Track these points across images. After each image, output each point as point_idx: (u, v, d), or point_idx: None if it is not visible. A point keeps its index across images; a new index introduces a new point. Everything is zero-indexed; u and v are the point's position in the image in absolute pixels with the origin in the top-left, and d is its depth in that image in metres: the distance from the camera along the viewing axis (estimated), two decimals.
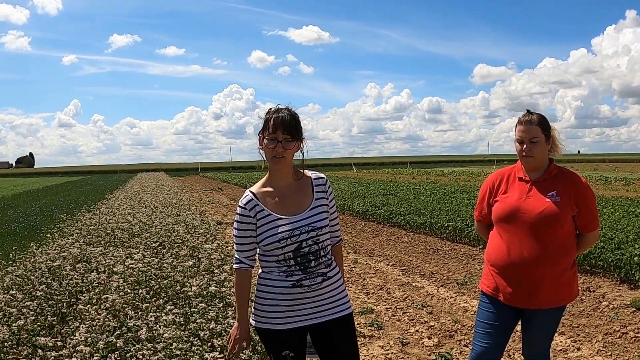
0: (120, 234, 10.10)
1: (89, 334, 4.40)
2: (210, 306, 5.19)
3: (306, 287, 3.13)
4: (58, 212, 18.93)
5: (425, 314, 7.17)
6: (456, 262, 10.36)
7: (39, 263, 7.44)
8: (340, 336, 3.28)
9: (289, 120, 3.12)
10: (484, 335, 3.79)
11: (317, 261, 3.15)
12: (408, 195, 21.80)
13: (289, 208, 3.18)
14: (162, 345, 4.07)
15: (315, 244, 3.14)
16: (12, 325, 4.84)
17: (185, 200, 20.84)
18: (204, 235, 10.07)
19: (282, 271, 3.14)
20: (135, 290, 5.77)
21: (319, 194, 3.26)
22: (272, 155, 3.14)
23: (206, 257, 7.50)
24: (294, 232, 3.10)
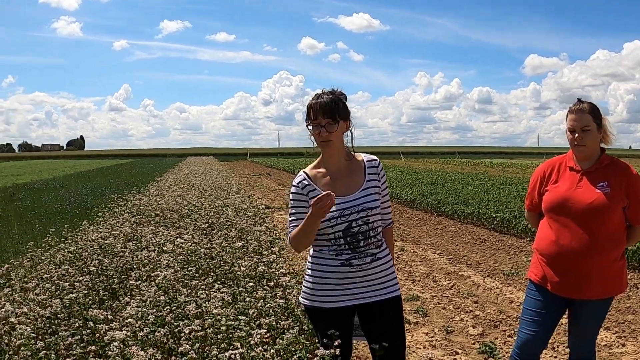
0: (170, 215, 10.30)
1: (139, 309, 4.53)
2: (258, 286, 5.28)
3: (355, 267, 3.20)
4: (109, 192, 19.38)
5: (470, 303, 7.24)
6: (503, 254, 10.37)
7: (91, 240, 7.65)
8: (387, 318, 3.33)
9: (328, 104, 3.19)
10: (530, 323, 3.81)
11: (366, 241, 3.21)
12: (456, 185, 21.77)
13: (341, 188, 3.25)
14: (210, 322, 4.16)
15: (365, 224, 3.20)
16: (64, 299, 5.00)
17: (234, 184, 21.07)
18: (252, 218, 10.19)
19: (332, 250, 3.23)
20: (185, 269, 5.91)
21: (371, 175, 3.32)
22: (319, 140, 3.24)
23: (255, 239, 7.60)
24: (344, 211, 3.18)
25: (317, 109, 3.19)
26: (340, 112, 3.21)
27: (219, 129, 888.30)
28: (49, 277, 5.78)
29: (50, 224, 11.60)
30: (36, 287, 5.42)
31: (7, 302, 4.83)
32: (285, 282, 5.41)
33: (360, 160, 3.38)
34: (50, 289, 5.35)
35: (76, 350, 3.93)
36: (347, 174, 3.32)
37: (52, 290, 5.35)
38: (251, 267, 5.92)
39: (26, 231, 11.59)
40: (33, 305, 4.78)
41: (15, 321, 4.25)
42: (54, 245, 7.83)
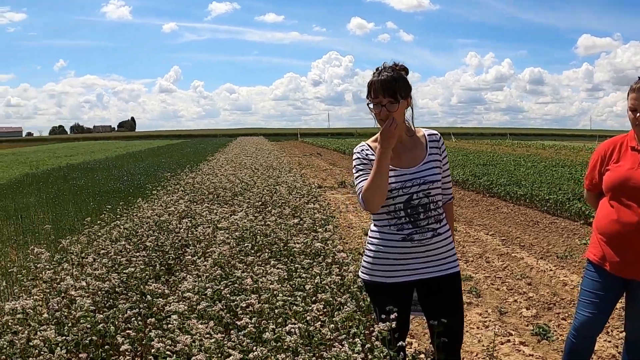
0: (223, 192, 10.38)
1: (196, 283, 4.58)
2: (314, 263, 5.30)
3: (416, 242, 3.20)
4: (161, 171, 19.68)
5: (524, 285, 7.24)
6: (556, 236, 10.32)
7: (146, 217, 7.76)
8: (446, 294, 3.34)
9: (389, 82, 3.15)
10: (588, 304, 3.75)
11: (426, 214, 3.22)
12: (508, 167, 21.63)
13: (402, 161, 3.26)
14: (266, 296, 4.19)
15: (425, 197, 3.21)
16: (121, 273, 5.09)
17: (286, 164, 21.15)
18: (305, 196, 10.22)
19: (392, 224, 3.23)
20: (240, 245, 5.96)
21: (432, 149, 3.32)
22: (379, 118, 3.20)
23: (309, 217, 7.62)
24: (405, 183, 3.19)
25: (377, 88, 3.15)
26: (402, 90, 3.17)
27: (268, 110, 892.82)
28: (106, 252, 5.89)
29: (105, 202, 11.85)
30: (94, 262, 5.53)
31: (67, 276, 4.94)
32: (342, 259, 5.42)
33: (422, 135, 3.38)
34: (107, 264, 5.45)
35: (135, 323, 4.00)
36: (408, 148, 3.32)
37: (109, 265, 5.45)
38: (306, 244, 5.94)
39: (81, 209, 11.86)
40: (91, 279, 4.88)
41: (75, 294, 4.34)
42: (110, 222, 7.98)
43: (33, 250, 5.83)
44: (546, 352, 5.22)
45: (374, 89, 3.16)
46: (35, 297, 4.60)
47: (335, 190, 17.24)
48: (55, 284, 4.93)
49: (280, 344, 3.40)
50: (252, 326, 3.67)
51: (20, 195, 15.49)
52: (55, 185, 17.77)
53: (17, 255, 8.44)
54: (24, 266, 6.67)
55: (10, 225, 11.16)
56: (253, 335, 3.62)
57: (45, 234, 9.09)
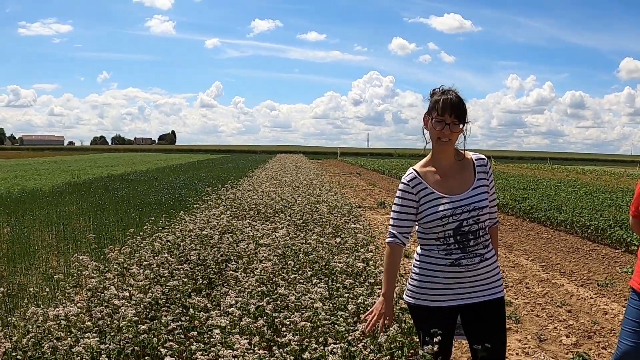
0: (264, 209, 10.45)
1: (239, 298, 4.61)
2: (356, 283, 5.30)
3: (464, 267, 3.21)
4: (202, 185, 19.87)
5: (564, 312, 7.14)
6: (597, 263, 10.16)
7: (189, 231, 7.84)
8: (490, 319, 3.34)
9: (457, 103, 3.20)
10: (631, 333, 3.69)
11: (475, 241, 3.22)
12: (548, 191, 21.36)
13: (452, 187, 3.26)
14: (308, 315, 4.19)
15: (475, 223, 3.21)
16: (164, 285, 5.14)
17: (326, 182, 21.20)
18: (346, 216, 10.23)
19: (441, 249, 3.24)
20: (282, 262, 5.98)
21: (481, 174, 3.32)
22: (437, 137, 3.22)
23: (351, 236, 7.63)
24: (455, 210, 3.18)
25: (446, 105, 3.17)
26: (466, 113, 3.23)
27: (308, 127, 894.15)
28: (148, 264, 5.96)
29: (146, 213, 11.99)
30: (137, 273, 5.59)
31: (111, 286, 5.01)
32: None
33: (469, 159, 3.37)
34: (150, 276, 5.51)
35: (177, 335, 4.04)
36: (457, 172, 3.32)
37: (152, 277, 5.51)
38: (348, 263, 5.94)
39: (122, 219, 12.03)
40: (134, 290, 4.94)
41: (119, 303, 4.40)
42: (152, 233, 8.07)
43: (77, 258, 5.92)
44: None
45: (442, 106, 3.18)
46: (79, 305, 4.66)
47: (375, 211, 17.20)
48: (98, 293, 5.00)
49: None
50: (294, 343, 3.68)
51: (62, 203, 15.76)
52: (96, 194, 18.04)
53: (58, 262, 8.59)
54: (67, 273, 6.78)
55: (51, 232, 11.36)
56: (295, 353, 3.63)
57: (87, 242, 9.23)
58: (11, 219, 12.70)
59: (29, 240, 9.96)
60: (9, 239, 10.11)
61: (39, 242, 10.13)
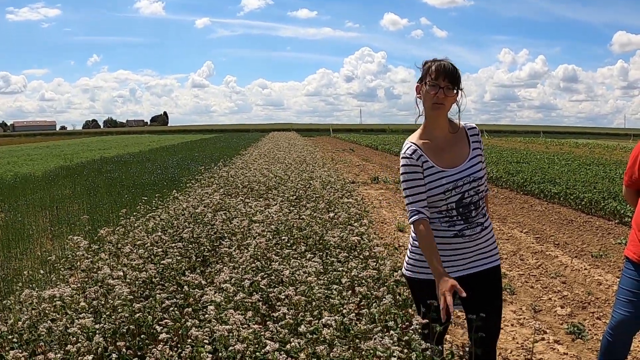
0: (258, 186, 10.44)
1: (233, 274, 4.61)
2: (350, 256, 5.31)
3: (467, 237, 3.23)
4: (195, 165, 19.83)
5: (558, 283, 7.22)
6: (590, 235, 10.25)
7: (182, 210, 7.84)
8: (488, 287, 3.36)
9: (451, 68, 3.17)
10: (626, 303, 3.71)
11: (477, 211, 3.25)
12: (542, 164, 21.50)
13: (450, 160, 3.25)
14: (302, 289, 4.20)
15: (476, 194, 3.23)
16: (158, 264, 5.14)
17: (319, 159, 21.19)
18: (340, 191, 10.23)
19: (444, 222, 3.24)
20: (276, 238, 5.98)
21: (475, 143, 3.32)
22: (432, 101, 3.18)
23: (345, 211, 7.63)
24: (457, 183, 3.19)
25: (440, 70, 3.15)
26: (460, 80, 3.20)
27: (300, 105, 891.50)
28: (142, 243, 5.96)
29: (139, 194, 11.99)
30: (130, 252, 5.58)
31: (105, 266, 5.00)
32: (378, 253, 5.42)
33: (462, 128, 3.36)
34: (144, 255, 5.50)
35: (172, 313, 4.04)
36: (452, 144, 3.30)
37: (146, 256, 5.51)
38: (342, 238, 5.95)
39: (116, 201, 12.01)
40: (128, 269, 4.93)
41: (113, 282, 4.40)
42: (145, 213, 8.06)
43: (72, 239, 5.91)
44: (580, 351, 5.18)
45: (436, 70, 3.16)
46: (73, 286, 4.66)
47: (368, 186, 17.23)
48: (92, 274, 5.00)
49: (316, 336, 3.42)
50: (289, 317, 3.69)
51: (55, 187, 15.74)
52: (89, 177, 18.01)
53: (52, 245, 8.58)
54: (61, 255, 6.78)
55: (45, 216, 11.35)
56: (290, 327, 3.64)
57: (80, 224, 9.22)
58: (5, 204, 12.68)
59: (23, 226, 9.95)
60: (3, 225, 10.09)
61: (33, 226, 10.11)
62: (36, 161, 30.11)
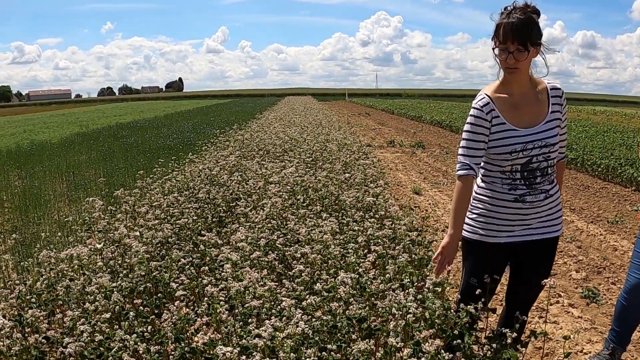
0: (273, 149, 10.44)
1: (249, 234, 4.62)
2: (366, 216, 5.30)
3: (528, 203, 3.05)
4: (210, 129, 19.83)
5: (574, 248, 7.20)
6: (607, 201, 10.22)
7: (198, 171, 7.86)
8: (543, 257, 3.24)
9: (519, 28, 2.87)
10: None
11: (542, 178, 3.05)
12: None
13: (524, 119, 3.04)
14: (319, 247, 4.21)
15: (545, 160, 3.03)
16: (174, 224, 5.17)
17: (335, 122, 21.13)
18: (356, 153, 10.21)
19: (505, 183, 3.08)
20: (292, 198, 5.99)
21: (555, 106, 3.09)
22: (504, 66, 2.99)
23: (361, 172, 7.62)
24: (527, 145, 2.99)
25: (507, 31, 2.89)
26: (533, 37, 2.91)
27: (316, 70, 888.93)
28: (158, 204, 5.98)
29: (155, 158, 12.00)
30: (147, 212, 5.61)
31: (122, 226, 5.04)
32: (394, 213, 5.42)
33: (544, 88, 3.11)
34: (160, 216, 5.53)
35: (188, 271, 4.07)
36: (531, 102, 3.08)
37: (162, 217, 5.53)
38: (357, 198, 5.94)
39: (132, 165, 12.05)
40: (144, 229, 4.97)
41: (129, 241, 4.43)
42: (161, 176, 8.09)
43: (88, 200, 5.94)
44: (595, 315, 5.16)
45: (503, 33, 2.90)
46: (90, 247, 4.70)
47: (384, 149, 17.19)
48: (109, 234, 5.04)
49: (332, 294, 3.43)
50: (305, 275, 3.70)
51: (71, 154, 15.80)
52: (105, 143, 18.07)
53: (70, 209, 8.64)
54: (78, 219, 6.83)
55: (62, 182, 11.42)
56: (306, 285, 3.65)
57: (97, 189, 9.27)
58: (22, 171, 12.76)
59: (41, 191, 10.01)
60: (20, 191, 10.16)
61: (50, 192, 10.18)
62: (52, 129, 30.22)
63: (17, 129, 31.92)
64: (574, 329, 4.82)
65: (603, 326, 4.88)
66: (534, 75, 3.11)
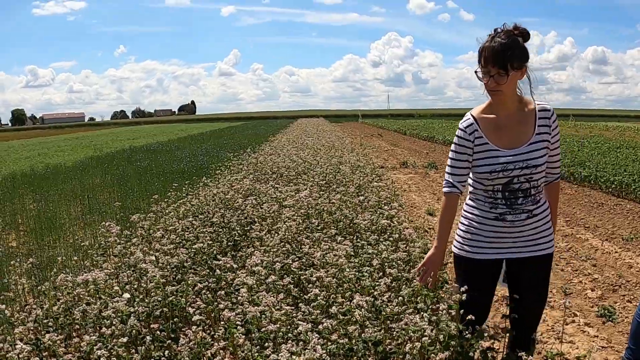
0: (287, 172, 10.47)
1: (264, 258, 4.65)
2: (381, 239, 5.31)
3: (509, 222, 3.12)
4: (224, 152, 19.92)
5: (588, 266, 7.16)
6: (621, 218, 10.14)
7: (212, 195, 7.90)
8: (533, 274, 3.27)
9: (499, 52, 2.94)
10: None
11: (525, 199, 3.11)
12: (571, 147, 21.24)
13: (507, 140, 3.10)
14: (334, 270, 4.23)
15: (527, 181, 3.09)
16: (190, 249, 5.20)
17: (348, 144, 21.18)
18: (369, 175, 10.23)
19: (487, 202, 3.16)
20: (306, 222, 6.01)
21: (542, 127, 3.12)
22: (487, 89, 3.06)
23: (375, 194, 7.63)
24: (507, 166, 3.05)
25: (488, 55, 2.97)
26: (514, 60, 2.97)
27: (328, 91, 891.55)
28: (173, 229, 6.02)
29: (169, 182, 12.06)
30: (162, 237, 5.65)
31: (137, 250, 5.07)
32: (408, 235, 5.42)
33: (532, 110, 3.15)
34: (175, 240, 5.57)
35: (205, 295, 4.10)
36: (516, 123, 3.12)
37: (177, 241, 5.57)
38: (372, 221, 5.95)
39: (146, 189, 12.11)
40: (160, 254, 5.00)
41: (146, 266, 4.46)
42: (176, 200, 8.14)
43: (104, 224, 5.99)
44: (611, 334, 5.13)
45: (484, 56, 2.98)
46: (106, 271, 4.73)
47: (397, 171, 17.21)
48: (125, 259, 5.07)
49: (348, 317, 3.44)
50: (320, 299, 3.71)
51: (85, 177, 15.89)
52: (119, 166, 18.16)
53: (85, 233, 8.69)
54: (94, 243, 6.87)
55: (77, 205, 11.49)
56: (322, 308, 3.67)
57: (112, 212, 9.33)
58: (36, 194, 12.84)
59: (55, 215, 10.07)
60: (35, 214, 10.23)
61: (65, 215, 10.23)
62: (66, 152, 30.43)
63: (31, 152, 32.19)
64: (590, 348, 4.80)
65: (619, 344, 4.86)
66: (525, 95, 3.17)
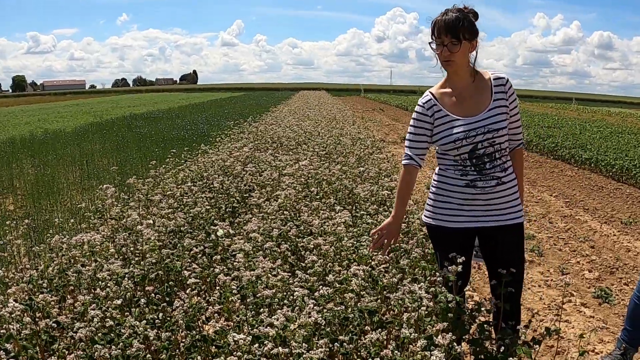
0: (287, 142, 10.44)
1: (262, 224, 4.61)
2: (380, 209, 5.28)
3: (479, 189, 3.18)
4: (225, 121, 19.87)
5: (587, 248, 7.18)
6: (621, 202, 10.18)
7: (211, 162, 7.86)
8: (507, 243, 3.31)
9: (453, 22, 3.10)
10: None
11: (492, 163, 3.19)
12: (573, 130, 21.30)
13: (466, 109, 3.22)
14: (332, 239, 4.20)
15: (490, 145, 3.17)
16: (187, 213, 5.16)
17: (349, 117, 21.11)
18: (370, 147, 10.19)
19: (457, 170, 3.22)
20: (305, 190, 5.98)
21: (498, 94, 3.23)
22: (441, 59, 3.19)
23: (375, 166, 7.60)
24: (469, 133, 3.15)
25: (440, 27, 3.11)
26: (466, 31, 3.11)
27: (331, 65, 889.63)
28: (171, 194, 5.98)
29: (169, 149, 12.02)
30: (160, 201, 5.61)
31: (134, 213, 5.04)
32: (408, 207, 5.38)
33: (487, 79, 3.28)
34: (173, 205, 5.53)
35: (200, 259, 4.07)
36: (473, 93, 3.25)
37: (175, 206, 5.53)
38: (372, 192, 5.92)
39: (145, 155, 12.08)
40: (157, 218, 4.96)
41: (142, 228, 4.43)
42: (175, 166, 8.10)
43: (101, 187, 5.95)
44: (607, 315, 5.15)
45: (438, 28, 3.13)
46: (102, 234, 4.69)
47: (398, 145, 17.15)
48: (121, 222, 5.04)
49: (345, 286, 3.41)
50: (317, 266, 3.69)
51: (85, 143, 15.88)
52: (119, 133, 18.14)
53: (82, 197, 8.67)
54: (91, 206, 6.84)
55: (75, 170, 11.47)
56: (318, 276, 3.64)
57: (110, 177, 9.30)
58: (35, 159, 12.82)
59: (54, 179, 10.06)
60: (33, 179, 10.21)
61: (63, 180, 10.22)
62: (66, 118, 30.38)
63: (31, 117, 32.13)
64: (586, 328, 4.80)
65: (615, 326, 4.86)
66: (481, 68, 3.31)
